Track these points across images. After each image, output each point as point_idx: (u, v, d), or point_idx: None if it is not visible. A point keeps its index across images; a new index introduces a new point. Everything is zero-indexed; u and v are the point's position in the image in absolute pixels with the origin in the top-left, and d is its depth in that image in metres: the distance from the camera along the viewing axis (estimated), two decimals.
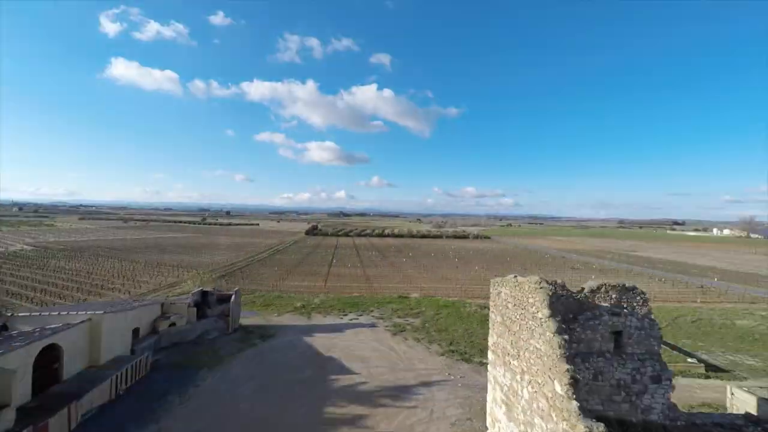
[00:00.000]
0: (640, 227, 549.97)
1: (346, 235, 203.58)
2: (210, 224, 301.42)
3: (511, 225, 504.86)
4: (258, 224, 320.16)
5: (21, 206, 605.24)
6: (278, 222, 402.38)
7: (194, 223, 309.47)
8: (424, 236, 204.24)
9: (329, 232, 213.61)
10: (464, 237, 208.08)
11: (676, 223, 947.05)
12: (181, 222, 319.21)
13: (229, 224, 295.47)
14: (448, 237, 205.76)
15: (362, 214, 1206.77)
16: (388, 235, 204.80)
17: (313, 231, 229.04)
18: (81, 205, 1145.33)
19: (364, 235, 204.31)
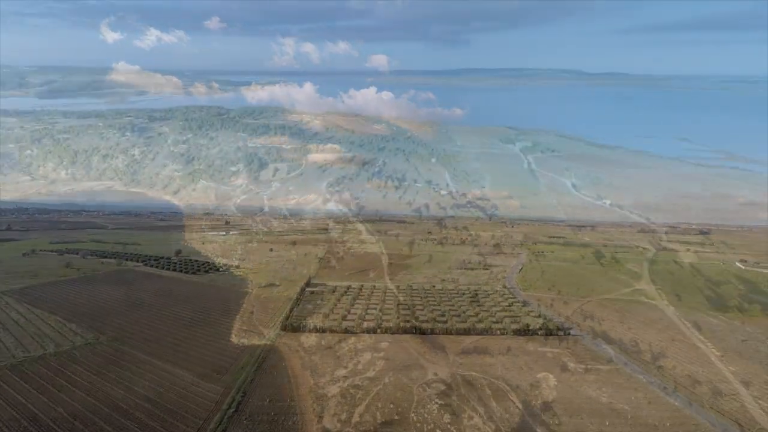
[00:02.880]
0: (688, 250, 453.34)
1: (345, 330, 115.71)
2: (171, 269, 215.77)
3: (542, 251, 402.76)
4: (229, 270, 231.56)
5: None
6: (270, 251, 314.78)
7: (157, 263, 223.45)
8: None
9: (319, 324, 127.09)
10: (543, 333, 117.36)
11: (702, 232, 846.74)
12: (138, 265, 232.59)
13: (184, 272, 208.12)
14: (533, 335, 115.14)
15: (370, 220, 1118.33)
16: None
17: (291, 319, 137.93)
18: (84, 210, 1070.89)
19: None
